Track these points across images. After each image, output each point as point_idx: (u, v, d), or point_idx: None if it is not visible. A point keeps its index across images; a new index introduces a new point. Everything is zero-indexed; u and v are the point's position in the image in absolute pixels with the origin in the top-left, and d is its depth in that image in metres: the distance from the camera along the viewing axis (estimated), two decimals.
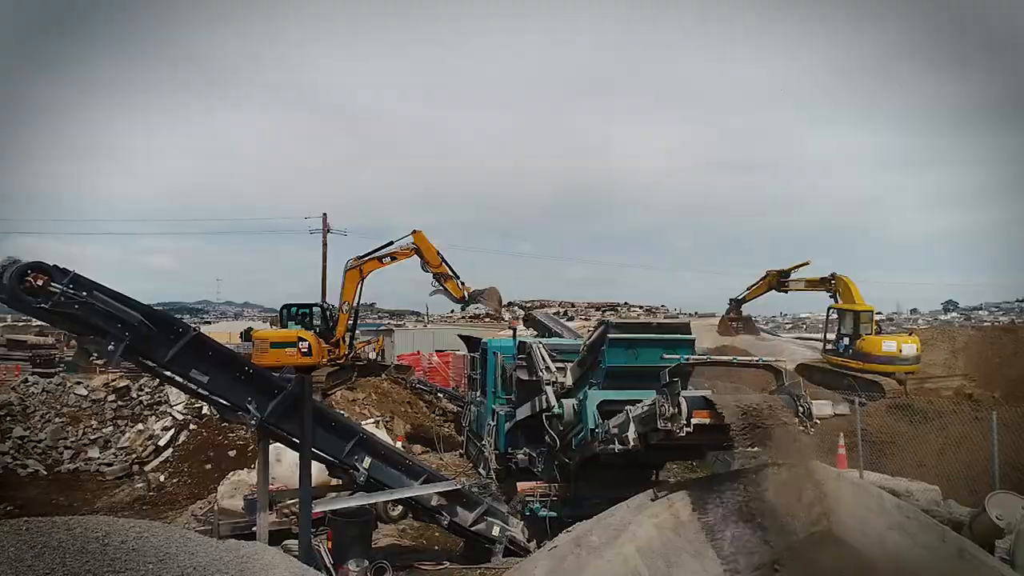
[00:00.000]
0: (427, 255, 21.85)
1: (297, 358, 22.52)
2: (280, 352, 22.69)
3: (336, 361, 22.29)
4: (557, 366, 11.79)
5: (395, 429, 21.62)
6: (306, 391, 8.14)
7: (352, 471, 8.85)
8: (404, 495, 9.52)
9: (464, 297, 22.21)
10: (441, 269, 21.80)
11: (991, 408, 18.85)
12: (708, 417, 7.31)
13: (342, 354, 22.47)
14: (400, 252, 22.06)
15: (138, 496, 14.95)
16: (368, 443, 9.14)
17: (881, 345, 21.85)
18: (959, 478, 12.61)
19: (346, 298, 22.24)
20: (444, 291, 22.06)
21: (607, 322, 10.22)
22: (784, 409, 7.40)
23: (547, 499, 11.40)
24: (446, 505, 10.09)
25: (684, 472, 15.13)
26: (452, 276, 21.89)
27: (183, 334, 7.25)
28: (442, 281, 21.88)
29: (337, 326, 22.43)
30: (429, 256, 21.85)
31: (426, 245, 21.92)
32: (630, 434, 8.25)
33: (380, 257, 22.32)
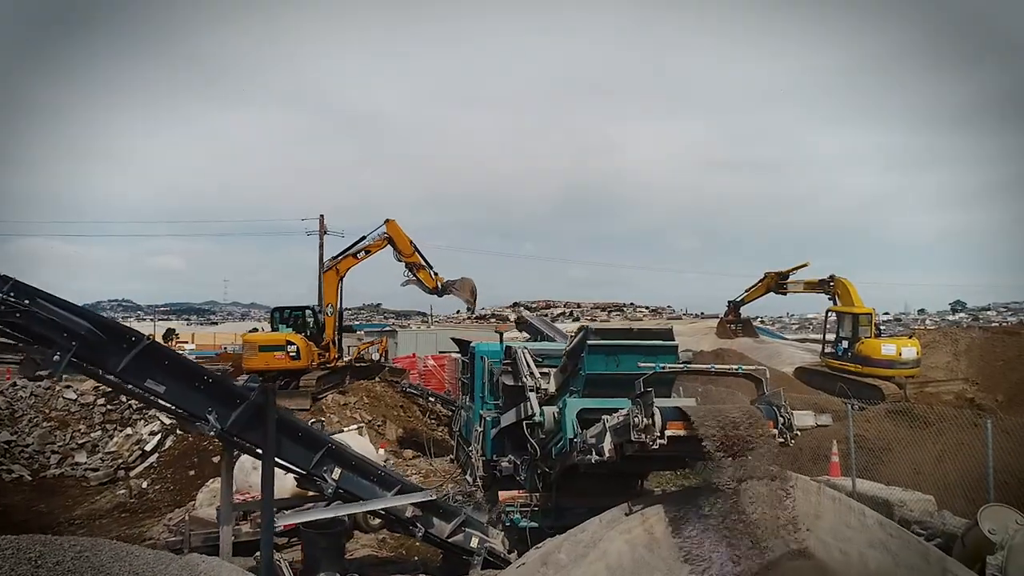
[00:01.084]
0: (399, 244, 21.57)
1: (286, 362, 22.40)
2: (268, 356, 22.61)
3: (326, 365, 22.08)
4: (542, 372, 11.52)
5: (387, 433, 21.38)
6: (269, 400, 7.86)
7: (320, 482, 8.57)
8: (375, 507, 9.23)
9: (437, 287, 21.89)
10: (413, 259, 21.53)
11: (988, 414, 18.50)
12: (683, 429, 7.00)
13: (332, 357, 22.25)
14: (373, 244, 21.87)
15: (119, 503, 14.72)
16: (337, 453, 8.85)
17: (880, 348, 21.55)
18: (956, 486, 12.27)
19: (328, 300, 22.04)
20: (416, 281, 21.77)
21: (586, 328, 9.91)
22: (763, 420, 7.08)
23: (528, 509, 11.09)
24: (421, 516, 9.79)
25: (676, 480, 14.83)
26: (424, 266, 21.61)
27: (136, 343, 6.99)
28: (414, 271, 21.64)
29: (325, 330, 22.20)
30: (401, 245, 21.56)
31: (398, 234, 21.64)
32: (606, 445, 7.94)
33: (354, 253, 22.16)
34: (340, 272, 22.11)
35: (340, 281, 22.28)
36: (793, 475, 7.30)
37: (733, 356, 22.38)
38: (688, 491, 7.62)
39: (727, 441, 6.77)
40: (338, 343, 22.87)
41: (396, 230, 21.70)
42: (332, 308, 21.96)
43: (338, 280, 22.18)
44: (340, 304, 22.60)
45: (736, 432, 6.84)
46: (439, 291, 22.05)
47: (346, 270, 22.21)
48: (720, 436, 6.64)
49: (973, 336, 27.71)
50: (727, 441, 6.77)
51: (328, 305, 21.93)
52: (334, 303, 22.06)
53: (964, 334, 28.83)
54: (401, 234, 21.70)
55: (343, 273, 22.18)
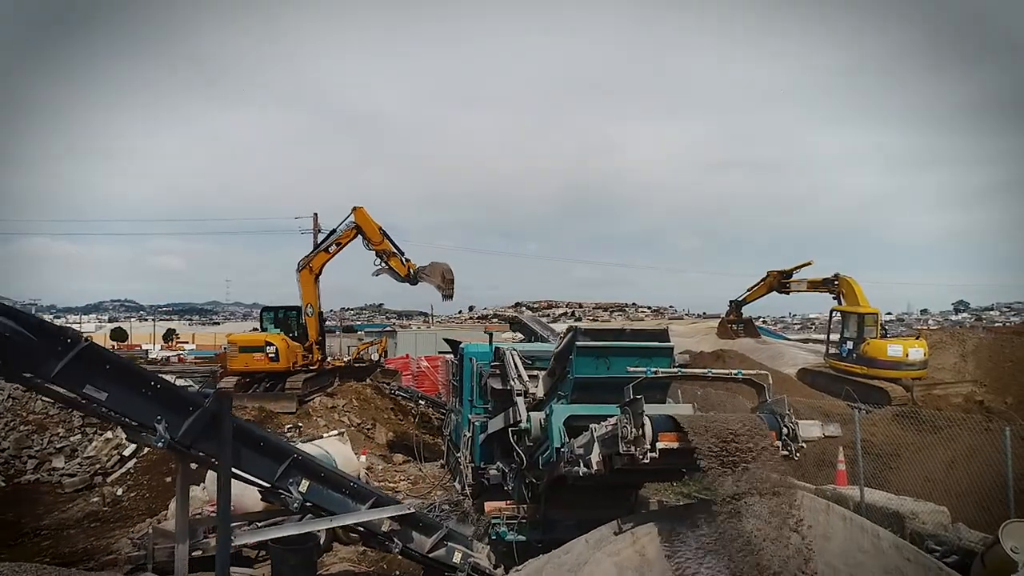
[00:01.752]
0: (368, 232, 20.88)
1: (265, 363, 21.73)
2: (248, 357, 21.94)
3: (310, 367, 21.42)
4: (531, 375, 10.87)
5: (376, 437, 20.73)
6: (224, 408, 7.20)
7: (285, 496, 7.91)
8: (347, 521, 8.57)
9: (409, 274, 21.06)
10: (383, 246, 20.80)
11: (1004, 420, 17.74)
12: (676, 441, 6.33)
13: (316, 359, 21.58)
14: (343, 235, 21.19)
15: (91, 511, 14.05)
16: (304, 464, 8.18)
17: (886, 349, 20.86)
18: (970, 495, 11.58)
19: (307, 300, 21.41)
20: (388, 270, 21.01)
21: (575, 328, 9.25)
22: (765, 431, 6.41)
23: (515, 521, 10.43)
24: (399, 530, 9.12)
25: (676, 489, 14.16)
26: (395, 253, 20.86)
27: (72, 345, 6.31)
28: (385, 259, 20.88)
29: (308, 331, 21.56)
30: (370, 233, 20.86)
31: (367, 222, 20.93)
32: (593, 457, 7.27)
33: (326, 248, 21.51)
34: (315, 270, 21.45)
35: (316, 279, 21.59)
36: (800, 491, 6.61)
37: (734, 357, 21.69)
38: (683, 507, 6.94)
39: (725, 454, 6.10)
40: (322, 344, 22.16)
41: (364, 218, 20.97)
42: (311, 308, 21.31)
43: (314, 278, 21.49)
44: (319, 303, 21.96)
45: (735, 444, 6.17)
46: (411, 278, 21.19)
47: (320, 267, 21.54)
48: (717, 449, 5.96)
49: (981, 337, 27.01)
50: (725, 454, 6.10)
51: (307, 305, 21.28)
52: (313, 303, 21.42)
53: (970, 334, 28.15)
54: (369, 221, 20.97)
55: (318, 270, 21.51)
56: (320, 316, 22.30)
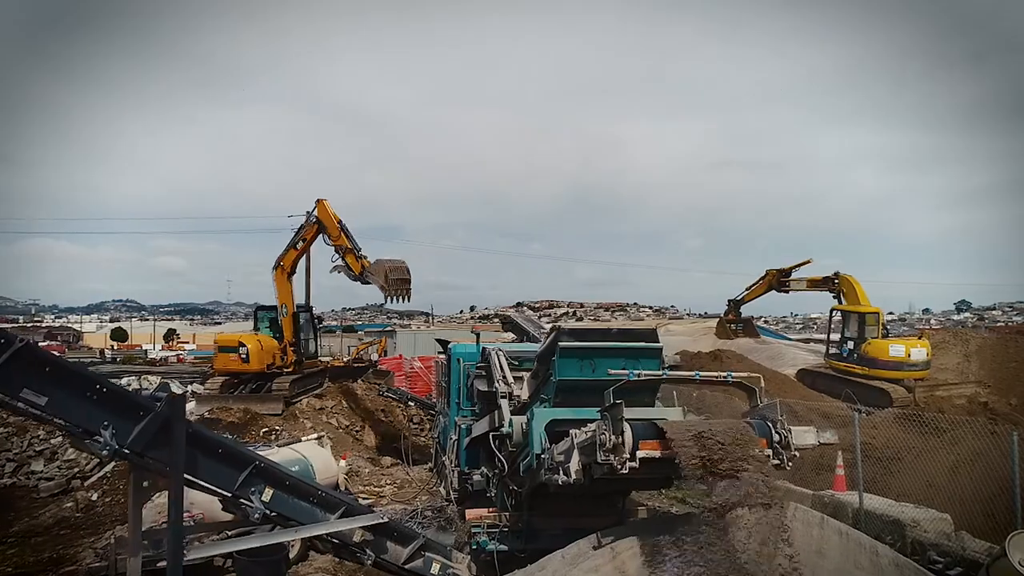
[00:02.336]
0: (328, 226, 20.24)
1: (238, 364, 21.26)
2: (226, 357, 21.49)
3: (284, 368, 20.86)
4: (516, 376, 10.41)
5: (365, 439, 20.28)
6: (176, 412, 6.73)
7: (246, 506, 7.44)
8: (315, 532, 8.11)
9: (361, 271, 20.17)
10: (340, 241, 20.08)
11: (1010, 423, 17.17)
12: (658, 449, 5.85)
13: (290, 361, 20.97)
14: (307, 230, 20.61)
15: (63, 517, 13.58)
16: (268, 472, 7.72)
17: (888, 349, 20.34)
18: (974, 501, 11.05)
19: (281, 300, 20.92)
20: (344, 267, 20.20)
21: (558, 328, 8.78)
22: (754, 438, 5.93)
23: (496, 530, 9.96)
24: (372, 540, 8.65)
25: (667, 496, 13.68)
26: (351, 249, 20.04)
27: (6, 345, 5.85)
28: (342, 254, 20.12)
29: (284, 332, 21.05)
30: (330, 227, 20.22)
31: (326, 216, 20.29)
32: (572, 465, 6.80)
33: (293, 245, 20.97)
34: (286, 268, 20.97)
35: (289, 278, 21.09)
36: (792, 503, 6.13)
37: (731, 357, 21.19)
38: (667, 520, 6.46)
39: (709, 464, 5.62)
40: (297, 345, 21.54)
41: (325, 211, 20.35)
42: (286, 308, 20.83)
43: (286, 277, 21.00)
44: (293, 303, 21.48)
45: (721, 453, 5.68)
46: (362, 277, 20.28)
47: (291, 265, 21.11)
48: (701, 458, 5.48)
49: (984, 337, 26.51)
50: (709, 464, 5.62)
51: (282, 305, 20.81)
52: (288, 303, 20.92)
53: (973, 334, 27.67)
54: (329, 215, 20.33)
55: (289, 268, 21.06)
56: (297, 317, 21.68)
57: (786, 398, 18.64)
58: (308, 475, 11.45)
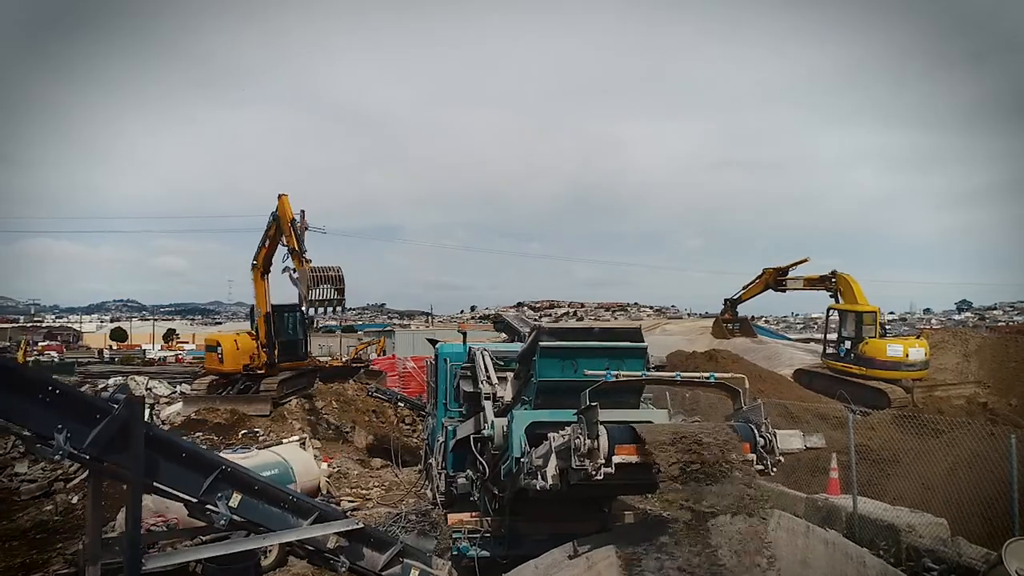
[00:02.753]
0: (283, 223, 19.66)
1: (216, 364, 21.05)
2: (211, 356, 21.29)
3: (254, 370, 20.52)
4: (503, 376, 10.11)
5: (356, 440, 19.98)
6: (135, 415, 6.43)
7: (210, 512, 7.15)
8: (286, 539, 7.82)
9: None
10: (289, 241, 19.52)
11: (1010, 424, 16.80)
12: (635, 454, 5.56)
13: (262, 363, 20.57)
14: (269, 228, 20.12)
15: (41, 520, 13.29)
16: (235, 477, 7.42)
17: (886, 349, 20.03)
18: (972, 504, 10.75)
19: (257, 301, 20.54)
20: (291, 268, 19.70)
21: (539, 327, 8.49)
22: (737, 442, 5.63)
23: (477, 535, 9.64)
24: (347, 547, 8.35)
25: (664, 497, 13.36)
26: (296, 251, 19.43)
27: None
28: (292, 255, 19.54)
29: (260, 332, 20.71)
30: (284, 224, 19.67)
31: (283, 212, 19.66)
32: (549, 469, 6.51)
33: (263, 243, 20.64)
34: (259, 267, 20.68)
35: (263, 277, 20.73)
36: (777, 511, 5.83)
37: (727, 357, 20.86)
38: (646, 528, 6.16)
39: (689, 469, 5.33)
40: (271, 347, 21.08)
41: (283, 207, 19.70)
42: (259, 311, 20.53)
43: (260, 276, 20.68)
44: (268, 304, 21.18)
45: (701, 457, 5.39)
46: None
47: (263, 263, 20.76)
48: (680, 464, 5.18)
49: (984, 337, 26.18)
50: (689, 469, 5.33)
51: (257, 308, 20.53)
52: (260, 304, 20.59)
53: (973, 334, 27.34)
54: (284, 212, 19.65)
55: (262, 267, 20.73)
56: (269, 317, 21.20)
57: (782, 399, 18.38)
58: (288, 478, 11.20)
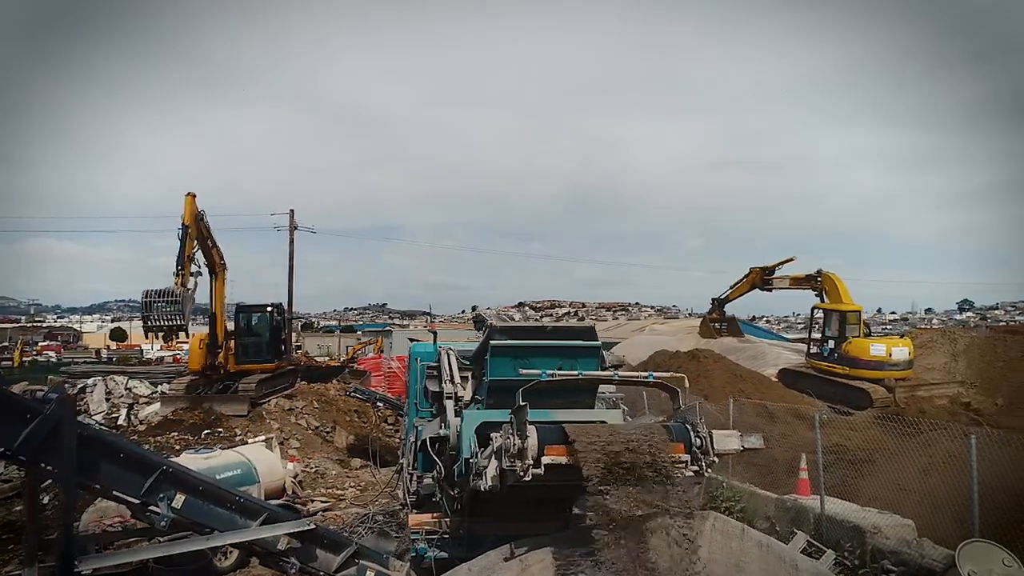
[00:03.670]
0: (191, 226, 18.56)
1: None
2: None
3: (205, 372, 20.36)
4: (466, 376, 10.03)
5: (336, 440, 19.90)
6: (66, 415, 6.34)
7: (151, 513, 7.05)
8: (232, 540, 7.72)
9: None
10: (187, 247, 18.40)
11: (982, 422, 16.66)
12: (565, 455, 5.46)
13: (218, 363, 20.41)
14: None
15: (9, 522, 13.16)
16: (178, 477, 7.32)
17: (869, 349, 19.91)
18: (945, 505, 10.65)
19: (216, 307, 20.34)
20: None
21: (491, 326, 8.38)
22: (668, 443, 5.53)
23: (435, 536, 9.54)
24: (299, 548, 8.25)
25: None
26: (188, 260, 18.36)
27: None
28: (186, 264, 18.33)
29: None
30: (193, 227, 18.59)
31: (187, 213, 18.62)
32: (489, 471, 6.41)
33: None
34: (216, 268, 20.41)
35: (213, 276, 20.33)
36: (711, 512, 5.73)
37: (709, 357, 20.73)
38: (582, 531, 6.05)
39: (616, 470, 5.22)
40: (226, 347, 20.80)
41: (186, 208, 18.75)
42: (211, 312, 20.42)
43: (219, 277, 20.40)
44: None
45: (631, 458, 5.29)
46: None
47: (215, 261, 20.36)
48: (604, 464, 5.08)
49: (973, 336, 26.00)
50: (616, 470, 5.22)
51: (221, 304, 20.42)
52: (216, 304, 20.42)
53: (962, 333, 27.16)
54: (186, 211, 18.66)
55: (212, 268, 20.34)
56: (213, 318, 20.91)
57: (763, 399, 18.27)
58: (251, 478, 11.11)
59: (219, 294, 20.51)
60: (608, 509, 5.16)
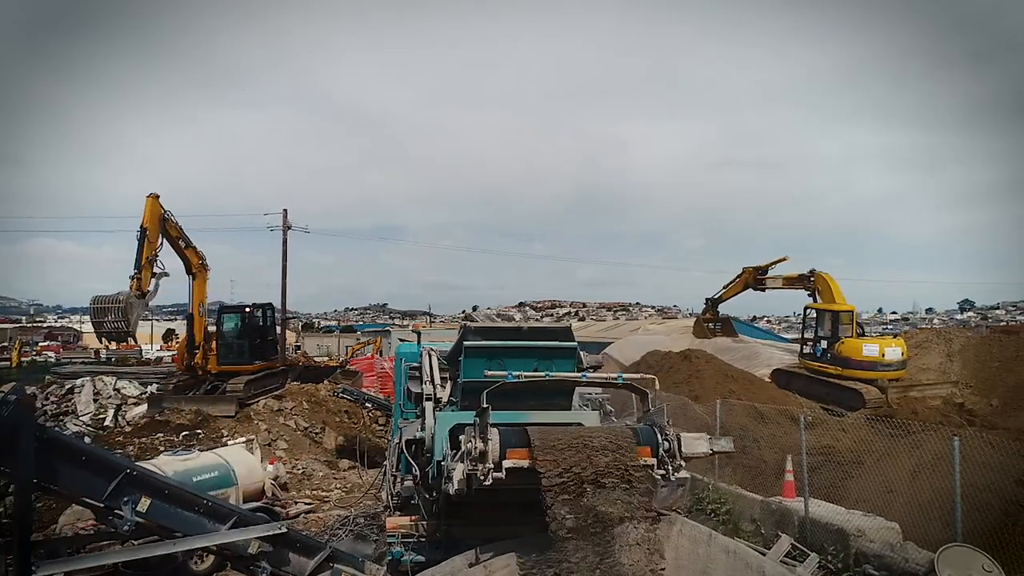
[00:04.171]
0: (151, 230, 18.15)
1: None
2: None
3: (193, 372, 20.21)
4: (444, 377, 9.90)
5: (325, 441, 19.77)
6: (24, 418, 6.22)
7: (113, 518, 6.93)
8: (199, 544, 7.61)
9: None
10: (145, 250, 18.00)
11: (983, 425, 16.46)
12: (527, 458, 5.33)
13: (198, 363, 20.30)
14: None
15: None
16: (143, 480, 7.22)
17: (862, 349, 19.74)
18: (932, 508, 10.51)
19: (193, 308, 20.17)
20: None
21: (465, 326, 8.26)
22: (632, 446, 5.40)
23: (411, 540, 9.41)
24: (271, 552, 8.15)
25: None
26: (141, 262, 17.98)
27: None
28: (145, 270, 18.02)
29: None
30: (153, 230, 18.18)
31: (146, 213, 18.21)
32: (456, 474, 6.28)
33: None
34: (193, 268, 20.28)
35: (192, 276, 20.23)
36: (678, 517, 5.60)
37: (701, 357, 20.56)
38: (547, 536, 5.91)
39: (579, 474, 5.09)
40: (205, 348, 20.71)
41: (146, 210, 18.32)
42: (203, 308, 20.29)
43: (197, 274, 20.22)
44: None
45: (593, 462, 5.15)
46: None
47: (191, 266, 20.24)
48: (560, 469, 4.95)
49: (968, 336, 25.83)
50: (579, 474, 5.09)
51: (200, 304, 20.27)
52: (193, 304, 20.31)
53: (959, 333, 26.98)
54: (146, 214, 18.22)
55: (190, 267, 20.23)
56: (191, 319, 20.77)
57: (753, 399, 18.10)
58: (228, 480, 10.99)
59: (198, 295, 20.36)
60: (569, 514, 5.03)
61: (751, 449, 15.38)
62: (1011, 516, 8.94)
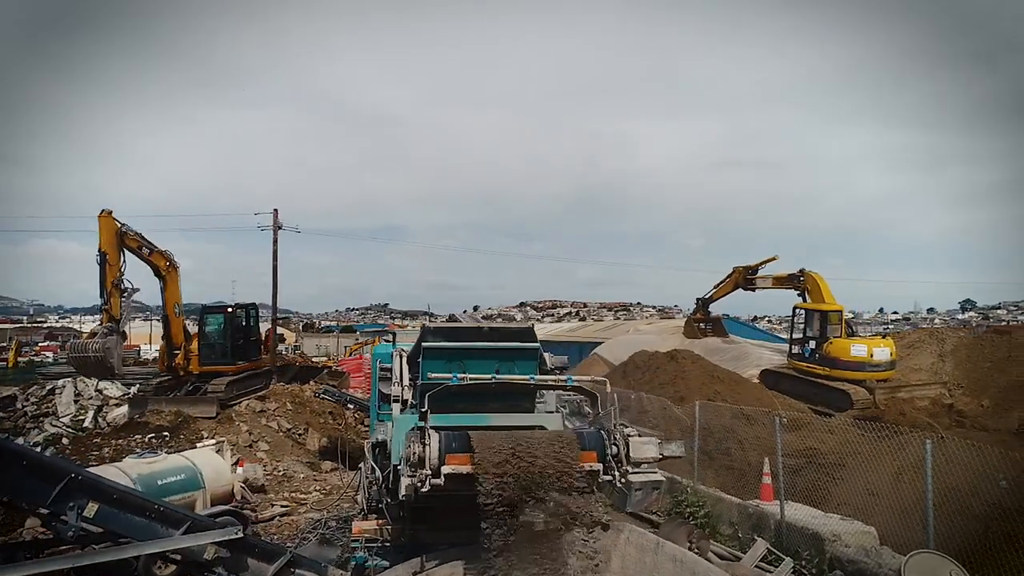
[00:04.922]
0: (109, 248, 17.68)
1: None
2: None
3: (177, 372, 20.03)
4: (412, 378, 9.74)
5: (308, 443, 19.58)
6: None
7: (58, 523, 6.77)
8: (150, 549, 7.42)
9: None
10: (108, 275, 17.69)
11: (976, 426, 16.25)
12: (468, 464, 5.15)
13: (179, 364, 20.13)
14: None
15: None
16: (90, 485, 7.05)
17: (850, 349, 19.54)
18: (912, 511, 10.33)
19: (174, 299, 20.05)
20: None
21: (423, 327, 8.08)
22: (575, 451, 5.21)
23: (375, 544, 9.22)
24: (228, 558, 7.96)
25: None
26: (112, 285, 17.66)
27: None
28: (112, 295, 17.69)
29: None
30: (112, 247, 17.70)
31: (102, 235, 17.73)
32: (404, 479, 6.09)
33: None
34: (162, 271, 19.97)
35: (164, 278, 19.94)
36: (626, 524, 5.42)
37: (688, 358, 20.37)
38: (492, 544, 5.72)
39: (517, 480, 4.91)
40: (185, 349, 20.54)
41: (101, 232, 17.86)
42: (178, 308, 20.14)
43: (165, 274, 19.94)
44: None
45: (533, 467, 4.97)
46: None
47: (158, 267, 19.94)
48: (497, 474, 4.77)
49: (961, 336, 25.59)
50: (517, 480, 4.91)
51: (175, 305, 20.11)
52: (176, 304, 20.15)
53: (952, 333, 26.75)
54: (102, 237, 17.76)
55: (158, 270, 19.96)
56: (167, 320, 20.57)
57: (738, 400, 17.91)
58: (195, 483, 10.81)
59: (170, 296, 20.13)
60: (509, 521, 4.85)
61: (735, 451, 15.19)
62: (986, 520, 8.77)
